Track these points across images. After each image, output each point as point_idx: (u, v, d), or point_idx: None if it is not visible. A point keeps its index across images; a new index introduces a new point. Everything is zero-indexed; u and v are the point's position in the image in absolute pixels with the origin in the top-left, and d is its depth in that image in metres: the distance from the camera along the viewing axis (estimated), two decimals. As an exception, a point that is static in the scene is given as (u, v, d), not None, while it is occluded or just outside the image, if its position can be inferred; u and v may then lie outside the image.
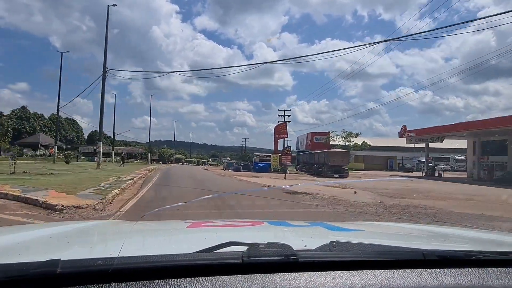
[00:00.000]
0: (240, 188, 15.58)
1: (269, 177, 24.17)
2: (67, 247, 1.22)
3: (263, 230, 1.74)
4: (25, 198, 7.70)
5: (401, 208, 8.82)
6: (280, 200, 9.87)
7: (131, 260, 0.83)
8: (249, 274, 0.82)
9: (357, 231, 1.80)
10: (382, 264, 0.91)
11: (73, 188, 9.59)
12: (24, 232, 1.56)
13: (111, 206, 7.89)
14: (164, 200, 9.69)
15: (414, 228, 2.33)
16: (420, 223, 6.49)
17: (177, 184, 16.39)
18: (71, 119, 77.96)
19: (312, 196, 10.88)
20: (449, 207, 9.41)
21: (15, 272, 0.75)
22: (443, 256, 0.96)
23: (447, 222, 7.03)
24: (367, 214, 7.83)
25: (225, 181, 20.14)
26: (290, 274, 0.84)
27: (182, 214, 5.38)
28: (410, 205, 9.57)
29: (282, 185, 17.25)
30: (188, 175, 24.95)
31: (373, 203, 9.68)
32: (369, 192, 12.87)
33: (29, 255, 1.04)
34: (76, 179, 13.19)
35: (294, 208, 8.82)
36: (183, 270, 0.81)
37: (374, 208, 8.82)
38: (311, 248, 0.98)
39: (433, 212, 8.53)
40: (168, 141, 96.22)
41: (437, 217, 7.73)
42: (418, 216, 7.72)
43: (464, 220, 7.27)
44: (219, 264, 0.84)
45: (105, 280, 0.76)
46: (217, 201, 8.13)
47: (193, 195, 11.40)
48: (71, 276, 0.76)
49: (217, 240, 0.97)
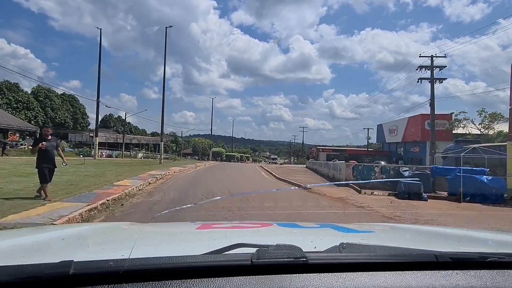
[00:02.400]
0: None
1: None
2: (79, 249, 1.24)
3: (272, 231, 1.73)
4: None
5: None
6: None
7: (142, 262, 0.84)
8: (259, 276, 0.82)
9: (367, 233, 1.78)
10: (393, 266, 0.90)
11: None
12: (38, 233, 1.60)
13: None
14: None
15: (426, 230, 2.29)
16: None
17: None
18: (70, 95, 56.69)
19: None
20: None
21: (30, 273, 0.76)
22: (456, 258, 0.94)
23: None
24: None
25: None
26: (299, 276, 0.83)
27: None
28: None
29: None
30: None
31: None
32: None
33: (43, 256, 1.06)
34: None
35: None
36: (192, 271, 0.82)
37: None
38: (320, 250, 0.98)
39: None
40: (206, 135, 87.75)
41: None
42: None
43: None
44: (229, 265, 0.84)
45: (117, 281, 0.77)
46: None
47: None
48: (84, 277, 0.77)
49: (227, 242, 0.97)
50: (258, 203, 8.32)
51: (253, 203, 8.27)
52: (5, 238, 1.47)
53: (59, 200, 7.40)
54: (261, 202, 8.43)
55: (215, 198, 7.62)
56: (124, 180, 12.48)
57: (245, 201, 8.32)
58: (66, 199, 7.61)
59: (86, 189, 9.40)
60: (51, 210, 6.26)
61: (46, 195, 7.29)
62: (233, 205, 7.72)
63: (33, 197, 7.40)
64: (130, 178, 13.28)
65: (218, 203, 7.56)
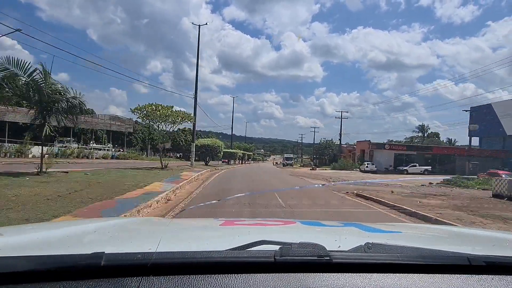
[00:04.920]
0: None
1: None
2: (109, 241, 1.29)
3: (295, 229, 1.72)
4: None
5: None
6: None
7: (168, 256, 0.86)
8: (282, 273, 0.82)
9: (394, 233, 1.73)
10: (421, 268, 0.87)
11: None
12: (71, 226, 1.69)
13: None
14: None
15: (456, 231, 2.19)
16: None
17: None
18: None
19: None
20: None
21: (64, 263, 0.81)
22: (491, 262, 0.89)
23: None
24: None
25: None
26: (323, 275, 0.82)
27: None
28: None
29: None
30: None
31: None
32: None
33: (76, 248, 1.12)
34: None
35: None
36: (217, 266, 0.83)
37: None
38: (345, 249, 0.96)
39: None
40: (203, 132, 78.68)
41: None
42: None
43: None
44: (252, 262, 0.84)
45: (144, 273, 0.80)
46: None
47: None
48: (114, 269, 0.80)
49: (250, 239, 0.97)
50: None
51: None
52: (41, 229, 1.57)
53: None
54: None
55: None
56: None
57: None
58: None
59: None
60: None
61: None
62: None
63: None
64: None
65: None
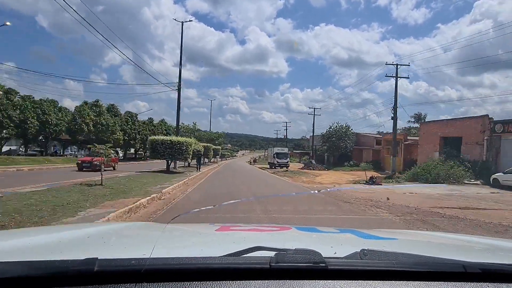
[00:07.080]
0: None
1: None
2: (103, 247, 1.28)
3: (291, 235, 1.72)
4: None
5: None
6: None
7: (163, 262, 0.86)
8: (277, 280, 0.81)
9: (390, 240, 1.72)
10: (417, 275, 0.87)
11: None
12: (64, 231, 1.67)
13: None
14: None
15: (453, 238, 2.20)
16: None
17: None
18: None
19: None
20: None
21: (57, 269, 0.80)
22: (487, 269, 0.89)
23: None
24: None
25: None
26: (318, 281, 0.82)
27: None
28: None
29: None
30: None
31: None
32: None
33: (69, 253, 1.10)
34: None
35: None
36: (212, 273, 0.82)
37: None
38: (341, 256, 0.96)
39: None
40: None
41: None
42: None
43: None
44: (247, 268, 0.84)
45: (138, 280, 0.79)
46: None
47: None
48: (107, 275, 0.79)
49: (245, 245, 0.96)
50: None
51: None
52: (34, 234, 1.54)
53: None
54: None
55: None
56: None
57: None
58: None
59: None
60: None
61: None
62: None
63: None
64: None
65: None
